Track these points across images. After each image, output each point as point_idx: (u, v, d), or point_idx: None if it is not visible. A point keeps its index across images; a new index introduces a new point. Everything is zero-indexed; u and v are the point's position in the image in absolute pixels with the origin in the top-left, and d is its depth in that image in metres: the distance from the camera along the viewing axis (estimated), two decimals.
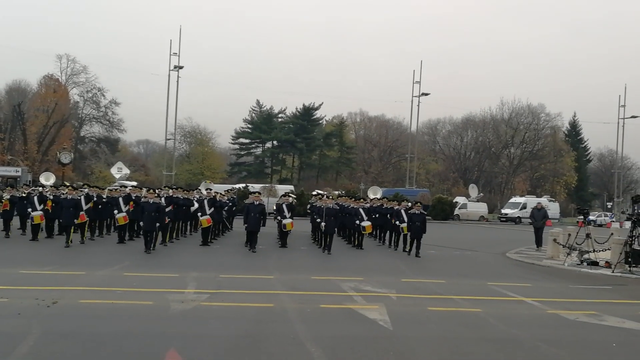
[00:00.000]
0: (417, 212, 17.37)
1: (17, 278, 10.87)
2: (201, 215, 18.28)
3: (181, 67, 52.85)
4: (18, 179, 39.16)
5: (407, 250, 17.67)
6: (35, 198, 17.96)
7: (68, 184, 21.82)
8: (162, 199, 17.12)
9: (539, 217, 21.75)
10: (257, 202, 17.42)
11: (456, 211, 50.07)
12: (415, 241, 17.30)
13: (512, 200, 55.61)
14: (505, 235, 31.26)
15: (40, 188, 20.57)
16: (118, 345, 6.64)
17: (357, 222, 18.93)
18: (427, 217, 18.07)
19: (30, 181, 32.15)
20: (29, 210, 17.97)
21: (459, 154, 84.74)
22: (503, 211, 53.56)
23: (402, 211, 18.23)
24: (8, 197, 19.62)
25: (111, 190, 21.00)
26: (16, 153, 60.82)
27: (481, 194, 58.86)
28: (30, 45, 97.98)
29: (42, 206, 17.76)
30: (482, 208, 52.57)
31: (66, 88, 69.92)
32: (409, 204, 18.95)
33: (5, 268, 12.08)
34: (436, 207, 48.16)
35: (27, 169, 50.10)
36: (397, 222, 18.34)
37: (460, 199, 53.12)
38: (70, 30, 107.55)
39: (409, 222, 17.60)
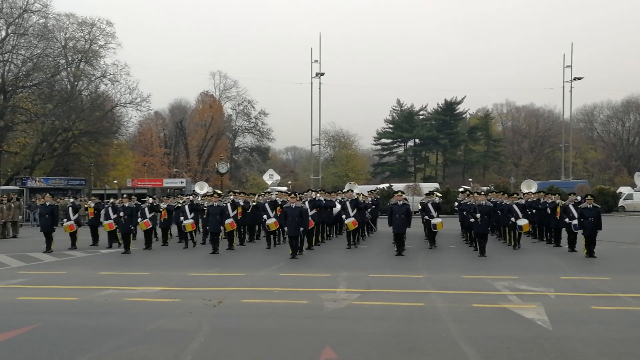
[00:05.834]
0: (589, 206, 15.58)
1: (187, 280, 12.01)
2: (346, 218, 18.42)
3: (322, 74, 54.50)
4: (183, 189, 42.92)
5: (586, 252, 15.34)
6: (187, 207, 19.05)
7: (211, 193, 22.59)
8: (306, 203, 17.08)
9: None
10: (401, 202, 16.50)
11: (620, 202, 45.79)
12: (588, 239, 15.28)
13: None
14: None
15: (192, 197, 21.69)
16: (278, 342, 7.05)
17: (512, 219, 17.82)
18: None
19: (193, 191, 35.02)
20: (181, 218, 19.01)
21: (620, 140, 77.34)
22: None
23: (571, 206, 16.48)
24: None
25: (260, 195, 21.38)
26: (180, 166, 66.97)
27: None
28: (187, 66, 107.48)
29: (192, 215, 18.79)
30: None
31: (220, 103, 75.53)
32: (578, 197, 17.33)
33: (176, 271, 13.42)
34: (597, 199, 44.06)
35: (190, 180, 54.77)
36: (567, 220, 16.38)
37: (624, 189, 48.44)
38: (220, 48, 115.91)
39: (579, 218, 15.67)
